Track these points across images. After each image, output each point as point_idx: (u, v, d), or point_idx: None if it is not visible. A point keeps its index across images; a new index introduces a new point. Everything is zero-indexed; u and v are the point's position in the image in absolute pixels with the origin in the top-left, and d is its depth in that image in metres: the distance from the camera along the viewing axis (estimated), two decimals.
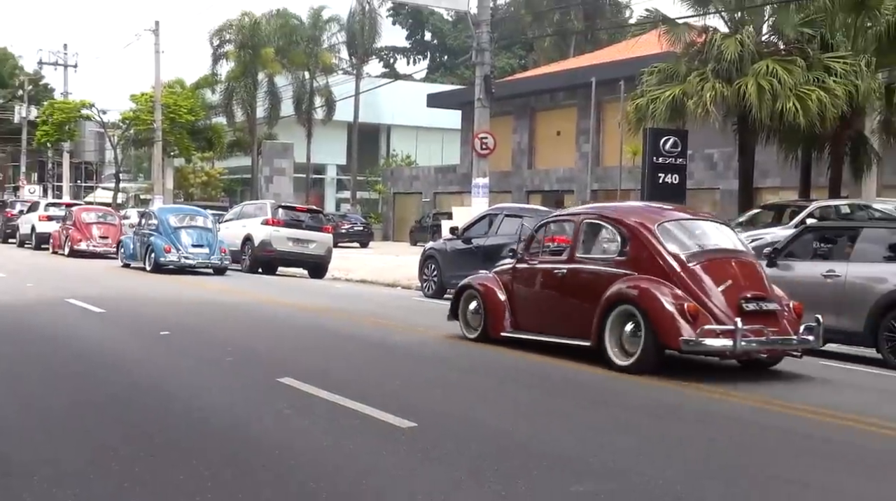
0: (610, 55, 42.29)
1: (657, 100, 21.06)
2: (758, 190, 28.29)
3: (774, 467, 5.81)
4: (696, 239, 9.76)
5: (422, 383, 8.57)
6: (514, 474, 5.37)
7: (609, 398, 8.22)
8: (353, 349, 10.78)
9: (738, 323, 8.73)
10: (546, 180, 42.78)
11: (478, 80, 23.81)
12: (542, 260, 10.74)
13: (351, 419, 6.72)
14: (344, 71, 57.08)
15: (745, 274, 9.49)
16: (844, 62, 19.83)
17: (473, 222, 18.50)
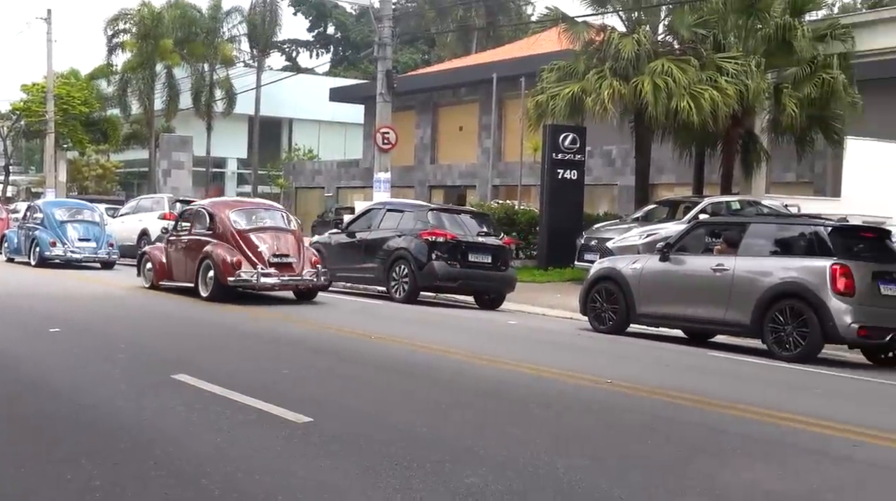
0: (511, 52, 42.68)
1: (557, 97, 21.38)
2: (654, 186, 28.95)
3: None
4: (253, 220, 15.31)
5: (317, 375, 8.54)
6: (409, 467, 5.40)
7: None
8: (248, 344, 10.67)
9: (260, 268, 14.46)
10: (448, 175, 42.93)
11: (380, 74, 23.78)
12: (180, 235, 16.16)
13: (246, 414, 6.66)
14: (245, 63, 56.26)
15: (280, 241, 15.11)
16: (736, 62, 20.45)
17: (357, 217, 18.94)
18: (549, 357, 10.41)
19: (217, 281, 14.54)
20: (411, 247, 16.33)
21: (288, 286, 15.18)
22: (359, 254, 17.37)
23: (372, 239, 17.26)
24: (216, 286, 14.58)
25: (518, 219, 23.81)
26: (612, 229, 19.90)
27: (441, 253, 16.12)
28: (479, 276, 16.62)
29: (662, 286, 12.61)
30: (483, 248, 16.75)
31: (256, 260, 14.60)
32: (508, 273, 17.10)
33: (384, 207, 18.42)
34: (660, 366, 10.20)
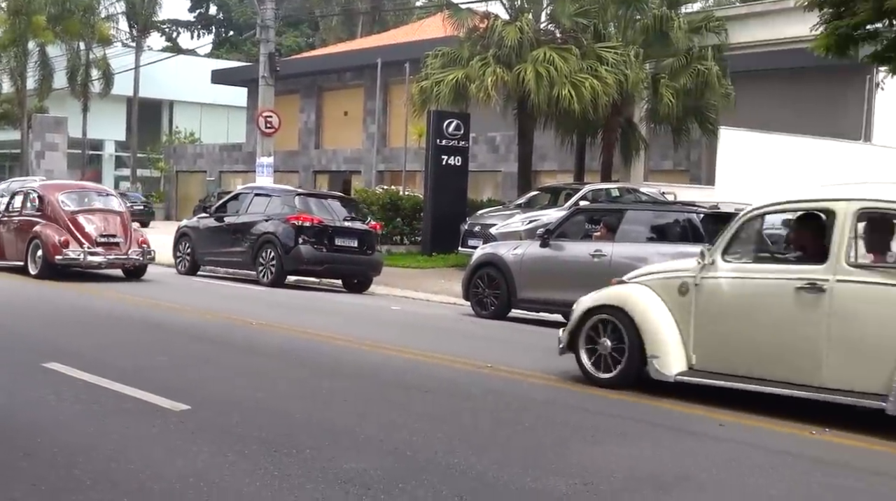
0: (396, 37, 42.65)
1: (441, 83, 21.48)
2: (536, 173, 29.39)
3: None
4: (82, 202, 16.27)
5: (194, 363, 8.41)
6: (288, 454, 5.39)
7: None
8: (123, 330, 10.43)
9: (87, 247, 15.44)
10: (333, 160, 42.67)
11: (262, 57, 23.50)
12: (11, 216, 16.78)
13: (121, 403, 6.52)
14: (123, 43, 54.62)
15: (108, 222, 16.06)
16: (615, 52, 20.92)
17: (226, 201, 19.03)
18: (431, 342, 10.49)
19: (45, 259, 15.52)
20: (278, 231, 16.53)
21: (114, 264, 16.16)
22: (227, 239, 17.57)
23: (240, 223, 17.44)
24: (44, 264, 15.55)
25: (403, 205, 23.85)
26: (496, 215, 20.13)
27: (308, 237, 16.38)
28: (345, 260, 16.90)
29: (543, 271, 12.82)
30: (349, 233, 17.01)
31: (84, 239, 15.61)
32: (374, 257, 17.43)
33: (252, 191, 18.53)
34: (538, 351, 10.39)
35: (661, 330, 7.58)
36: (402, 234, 24.03)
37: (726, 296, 7.39)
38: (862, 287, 6.71)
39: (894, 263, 7.01)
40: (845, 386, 6.69)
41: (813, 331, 6.84)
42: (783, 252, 7.87)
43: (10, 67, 48.47)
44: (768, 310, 7.14)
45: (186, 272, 18.18)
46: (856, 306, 6.70)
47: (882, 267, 6.86)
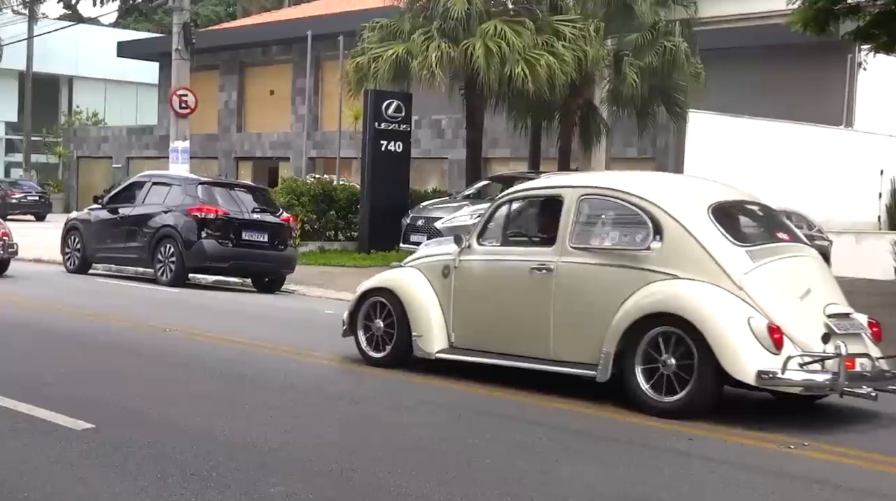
0: (328, 7, 42.45)
1: (379, 59, 21.43)
2: (487, 160, 29.49)
3: None
4: None
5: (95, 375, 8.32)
6: (207, 477, 5.35)
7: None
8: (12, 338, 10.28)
9: None
10: (258, 145, 42.39)
11: (175, 27, 23.25)
12: None
13: (14, 421, 6.42)
14: (14, 10, 53.65)
15: None
16: (574, 26, 21.08)
17: (120, 190, 19.08)
18: None
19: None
20: (179, 224, 16.58)
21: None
22: (121, 232, 17.62)
23: (135, 215, 17.48)
24: None
25: (337, 197, 23.74)
26: (442, 208, 20.19)
27: (212, 230, 16.45)
28: (254, 256, 17.00)
29: None
30: (259, 226, 17.10)
31: None
32: (287, 253, 17.51)
33: (150, 179, 18.47)
34: None
35: (424, 310, 8.76)
36: (336, 229, 23.94)
37: (478, 278, 8.67)
38: (579, 267, 8.00)
39: (610, 246, 8.16)
40: (569, 358, 7.94)
41: (543, 309, 8.10)
42: (529, 236, 9.01)
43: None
44: (510, 290, 8.41)
45: (76, 270, 18.18)
46: (575, 284, 8.01)
47: (595, 250, 8.07)
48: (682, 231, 7.72)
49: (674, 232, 7.72)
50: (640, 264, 7.75)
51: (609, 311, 7.66)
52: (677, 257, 7.68)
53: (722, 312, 7.34)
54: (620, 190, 8.24)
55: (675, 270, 7.61)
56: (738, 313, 7.32)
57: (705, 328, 7.23)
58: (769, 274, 7.67)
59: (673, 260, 7.67)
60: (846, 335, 7.47)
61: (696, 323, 7.28)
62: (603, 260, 7.96)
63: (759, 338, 7.18)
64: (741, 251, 7.70)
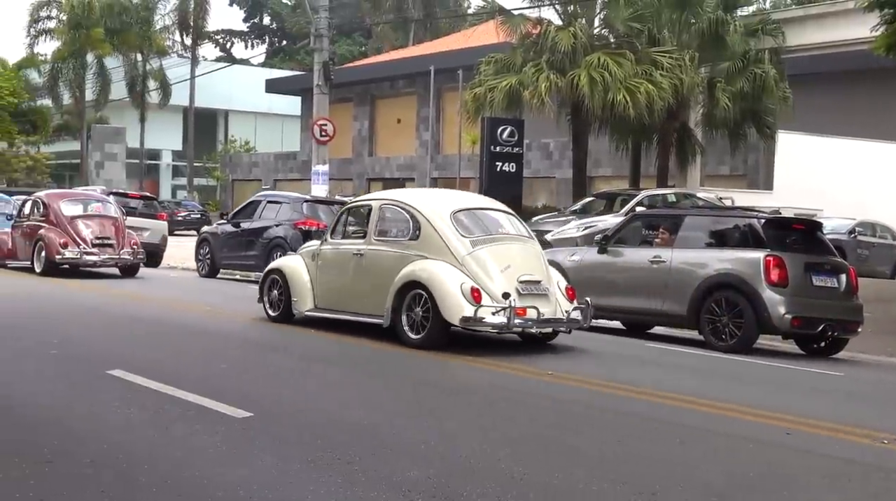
0: (449, 44, 42.68)
1: (494, 89, 21.42)
2: (591, 178, 29.22)
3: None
4: (80, 209, 18.22)
5: (254, 370, 8.45)
6: (352, 461, 5.36)
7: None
8: (184, 338, 10.52)
9: (83, 248, 17.51)
10: (387, 168, 42.85)
11: (316, 66, 23.61)
12: (22, 222, 18.80)
13: (184, 409, 6.56)
14: (179, 54, 55.43)
15: (104, 227, 17.94)
16: (670, 56, 20.72)
17: (242, 208, 20.03)
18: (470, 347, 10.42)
19: (47, 258, 17.47)
20: (287, 235, 17.39)
21: (107, 263, 18.00)
22: (242, 243, 18.57)
23: (253, 228, 18.43)
24: (47, 262, 17.46)
25: None
26: (551, 222, 20.03)
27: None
28: None
29: (601, 278, 12.70)
30: None
31: (81, 241, 17.54)
32: None
33: (265, 198, 19.50)
34: (599, 358, 10.28)
35: (299, 282, 11.38)
36: None
37: (329, 260, 11.26)
38: (376, 252, 10.66)
39: (392, 238, 10.69)
40: (375, 313, 10.31)
41: (361, 280, 10.77)
42: (354, 232, 11.38)
43: (70, 79, 49.40)
44: (344, 268, 11.05)
45: (207, 275, 19.27)
46: (374, 263, 10.63)
47: (385, 240, 10.70)
48: (430, 228, 10.23)
49: (426, 228, 10.27)
50: (407, 249, 10.30)
51: (390, 280, 10.13)
52: (427, 245, 10.17)
53: (446, 279, 9.76)
54: (399, 200, 10.96)
55: (425, 253, 10.10)
56: (456, 280, 9.73)
57: (434, 289, 9.72)
58: (482, 255, 10.04)
59: (425, 247, 10.17)
60: (531, 295, 9.94)
61: (430, 286, 9.77)
62: (388, 247, 10.58)
63: (465, 296, 9.58)
64: (466, 240, 10.09)
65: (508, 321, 9.55)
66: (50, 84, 50.30)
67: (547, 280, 10.29)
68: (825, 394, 8.42)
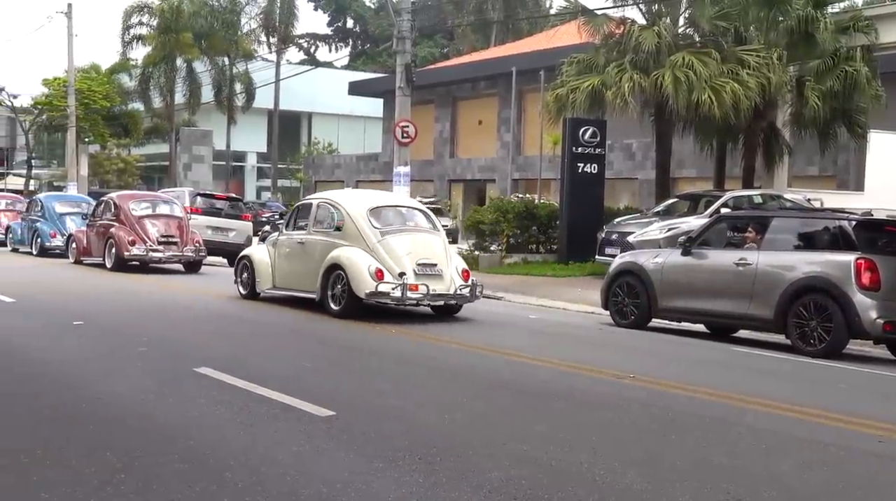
0: (530, 45, 42.56)
1: (577, 90, 21.23)
2: (674, 180, 28.84)
3: None
4: (148, 209, 19.84)
5: (333, 369, 8.54)
6: (433, 462, 5.39)
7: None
8: (267, 336, 10.71)
9: (149, 245, 19.08)
10: (468, 169, 42.92)
11: (399, 68, 23.71)
12: (95, 220, 20.35)
13: (269, 408, 6.66)
14: (263, 58, 56.37)
15: (169, 226, 19.55)
16: (757, 55, 20.28)
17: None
18: (571, 351, 10.37)
19: (117, 255, 18.90)
20: None
21: (171, 260, 19.50)
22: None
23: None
24: (116, 259, 18.90)
25: (538, 214, 23.69)
26: (633, 223, 19.80)
27: None
28: None
29: (685, 280, 12.53)
30: None
31: (148, 239, 19.09)
32: None
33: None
34: (682, 361, 10.14)
35: (262, 266, 13.97)
36: (537, 243, 23.88)
37: (282, 247, 13.83)
38: (313, 239, 13.23)
39: (323, 229, 13.20)
40: (312, 289, 12.76)
41: (303, 263, 13.22)
42: (301, 224, 13.78)
43: (160, 83, 50.62)
44: (292, 254, 13.62)
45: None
46: (311, 249, 13.17)
47: (319, 231, 13.22)
48: (350, 221, 12.75)
49: (347, 221, 12.80)
50: (333, 238, 12.84)
51: (320, 264, 12.64)
52: (347, 235, 12.69)
53: (357, 262, 12.22)
54: (330, 199, 13.68)
55: (346, 242, 12.62)
56: (365, 262, 12.17)
57: (348, 270, 12.19)
58: (389, 243, 12.45)
59: (346, 236, 12.69)
60: (426, 275, 12.29)
61: (345, 268, 12.24)
62: (321, 236, 13.09)
63: (370, 275, 12.01)
64: (377, 231, 12.53)
65: (402, 294, 11.92)
66: (141, 88, 51.56)
67: (444, 264, 12.59)
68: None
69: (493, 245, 23.27)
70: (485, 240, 23.47)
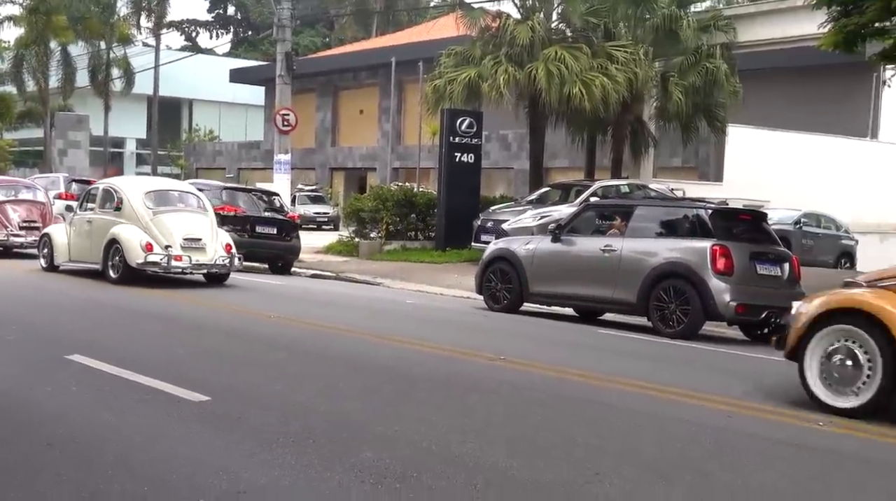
0: (410, 37, 42.61)
1: (454, 82, 21.39)
2: (548, 170, 29.35)
3: None
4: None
5: (206, 354, 8.42)
6: (305, 443, 5.38)
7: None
8: (139, 323, 10.46)
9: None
10: (349, 158, 42.71)
11: (279, 56, 23.50)
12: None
13: (141, 393, 6.53)
14: (145, 43, 54.72)
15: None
16: (625, 51, 20.82)
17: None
18: (446, 335, 10.47)
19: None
20: None
21: (33, 245, 18.14)
22: None
23: None
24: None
25: (417, 202, 23.80)
26: (508, 211, 20.09)
27: (231, 225, 17.51)
28: (265, 245, 18.37)
29: (554, 266, 12.80)
30: (269, 222, 18.69)
31: (9, 225, 18.84)
32: (293, 243, 19.04)
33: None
34: (551, 343, 10.37)
35: (59, 242, 15.47)
36: (416, 230, 23.99)
37: (76, 225, 15.39)
38: (99, 218, 14.82)
39: (107, 208, 14.74)
40: (97, 261, 14.41)
41: (91, 239, 14.85)
42: (91, 206, 15.13)
43: (32, 66, 48.59)
44: (82, 230, 15.08)
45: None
46: (97, 226, 14.71)
47: (99, 210, 14.92)
48: (128, 202, 14.39)
49: (126, 203, 14.42)
50: (114, 217, 14.46)
51: (103, 239, 14.24)
52: (125, 214, 14.33)
53: (131, 237, 13.88)
54: (113, 184, 15.50)
55: (124, 220, 14.25)
56: (137, 237, 13.89)
57: (123, 244, 13.86)
58: (161, 220, 14.17)
59: (124, 216, 14.32)
60: (191, 248, 14.11)
61: (121, 242, 13.90)
62: (105, 215, 14.66)
63: (141, 247, 13.74)
64: (150, 211, 14.23)
65: (168, 264, 13.74)
66: (14, 71, 49.40)
67: (209, 239, 14.38)
68: (768, 378, 8.55)
69: (373, 232, 23.27)
70: (365, 227, 23.44)
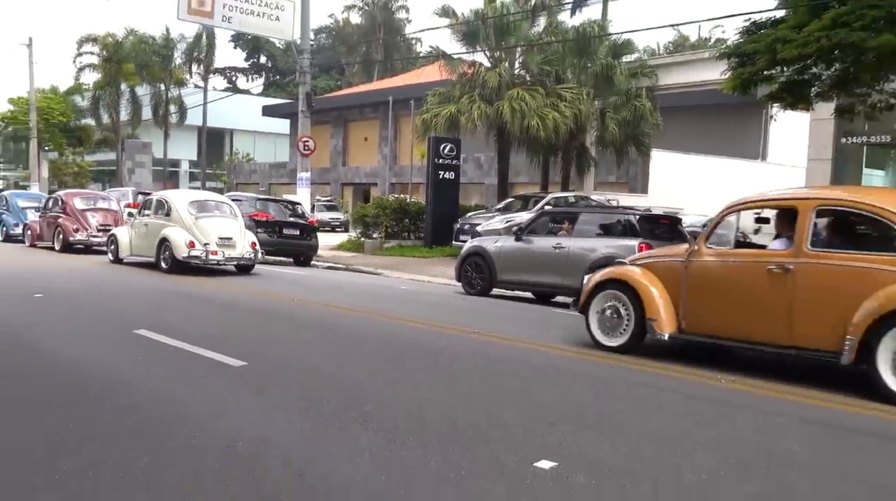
0: (404, 80, 42.52)
1: (438, 115, 21.35)
2: (512, 184, 29.34)
3: None
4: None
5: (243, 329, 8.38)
6: (318, 401, 5.36)
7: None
8: (186, 304, 10.39)
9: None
10: (356, 175, 42.58)
11: (301, 96, 23.37)
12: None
13: (193, 361, 6.50)
14: (195, 85, 54.34)
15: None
16: (572, 92, 20.81)
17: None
18: (432, 313, 10.46)
19: (64, 240, 18.72)
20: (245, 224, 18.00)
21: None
22: None
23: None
24: (63, 243, 18.76)
25: (409, 210, 23.78)
26: (481, 217, 20.07)
27: (264, 228, 17.70)
28: (290, 244, 18.42)
29: (517, 259, 12.79)
30: (294, 225, 18.54)
31: (89, 227, 18.84)
32: (312, 242, 18.84)
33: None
34: (514, 320, 10.37)
35: (123, 240, 15.83)
36: (409, 231, 23.97)
37: (136, 226, 15.53)
38: (153, 221, 15.08)
39: (160, 216, 14.90)
40: (152, 255, 14.70)
41: (148, 238, 15.09)
42: (148, 212, 15.23)
43: (107, 103, 48.22)
44: (140, 230, 15.28)
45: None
46: (152, 228, 14.97)
47: (157, 215, 15.03)
48: (176, 210, 14.62)
49: (174, 210, 14.67)
50: (164, 221, 14.68)
51: (156, 238, 14.56)
52: (173, 219, 14.57)
53: (178, 237, 14.20)
54: (164, 196, 15.32)
55: (172, 223, 14.50)
56: (183, 237, 14.18)
57: (171, 242, 14.19)
58: (201, 223, 14.33)
59: (172, 220, 14.55)
60: (224, 245, 14.28)
61: (170, 240, 14.23)
62: (158, 219, 14.82)
63: (186, 245, 14.05)
64: (192, 216, 14.41)
65: (206, 257, 14.05)
66: (92, 107, 49.04)
67: (239, 238, 14.51)
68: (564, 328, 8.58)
69: (375, 233, 23.23)
70: (368, 229, 23.40)
